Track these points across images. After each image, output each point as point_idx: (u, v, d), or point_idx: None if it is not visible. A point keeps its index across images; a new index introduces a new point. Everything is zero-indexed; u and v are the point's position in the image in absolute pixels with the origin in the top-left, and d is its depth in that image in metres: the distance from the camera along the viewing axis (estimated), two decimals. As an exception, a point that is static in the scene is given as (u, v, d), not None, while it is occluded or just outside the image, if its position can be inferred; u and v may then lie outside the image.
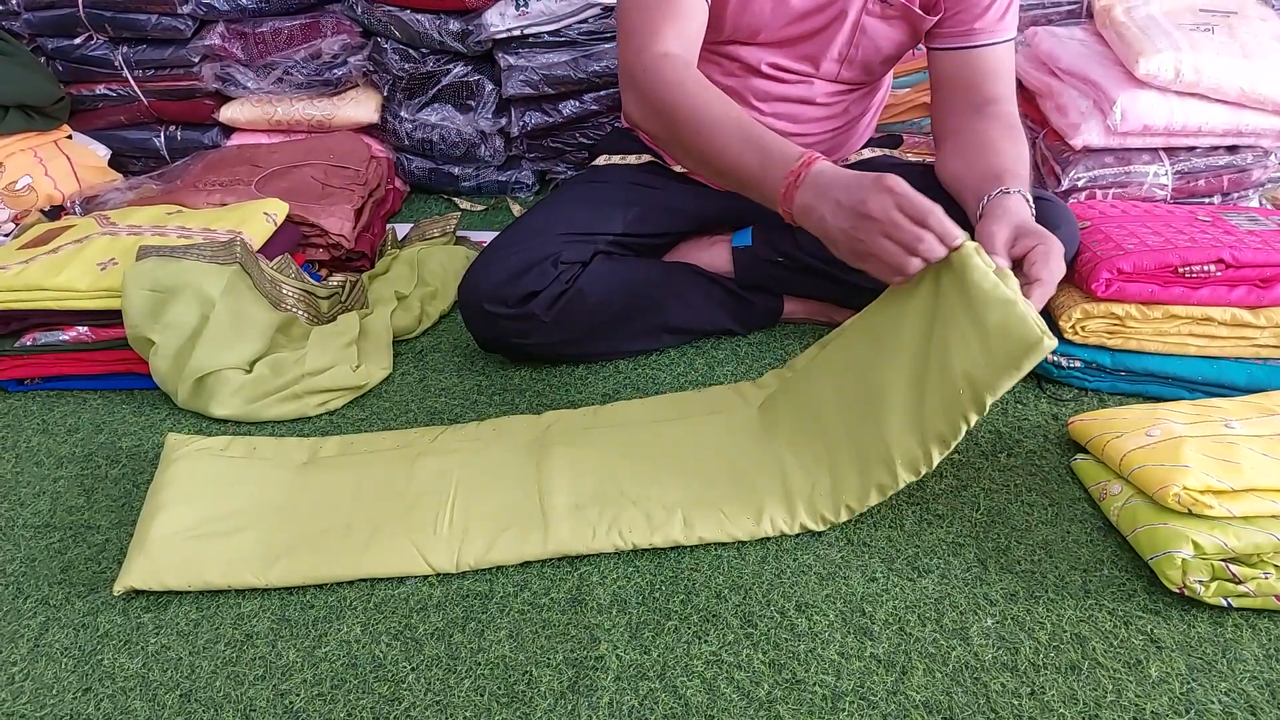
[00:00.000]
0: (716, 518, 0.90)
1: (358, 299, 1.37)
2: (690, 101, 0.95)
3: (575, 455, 0.99)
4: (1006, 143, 1.04)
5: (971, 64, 1.10)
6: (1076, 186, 1.41)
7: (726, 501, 0.92)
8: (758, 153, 0.91)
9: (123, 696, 0.77)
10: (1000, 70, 1.10)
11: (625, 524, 0.90)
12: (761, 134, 0.92)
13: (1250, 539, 0.77)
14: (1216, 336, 1.07)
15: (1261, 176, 1.42)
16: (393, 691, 0.76)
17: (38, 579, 0.92)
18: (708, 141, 0.94)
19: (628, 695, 0.75)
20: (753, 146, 0.91)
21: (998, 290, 0.79)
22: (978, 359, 0.80)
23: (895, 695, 0.74)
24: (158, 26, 1.83)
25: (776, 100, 1.18)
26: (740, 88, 1.17)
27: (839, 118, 1.23)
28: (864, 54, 1.13)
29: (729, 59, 1.15)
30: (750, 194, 0.94)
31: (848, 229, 0.83)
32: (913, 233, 0.81)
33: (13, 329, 1.24)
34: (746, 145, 0.91)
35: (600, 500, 0.93)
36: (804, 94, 1.18)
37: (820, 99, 1.18)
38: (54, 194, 1.78)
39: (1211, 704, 0.72)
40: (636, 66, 0.99)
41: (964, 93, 1.12)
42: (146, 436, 1.14)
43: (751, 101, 1.18)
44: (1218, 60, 1.35)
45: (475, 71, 1.84)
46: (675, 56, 0.99)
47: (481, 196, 1.96)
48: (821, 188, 0.86)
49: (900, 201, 0.81)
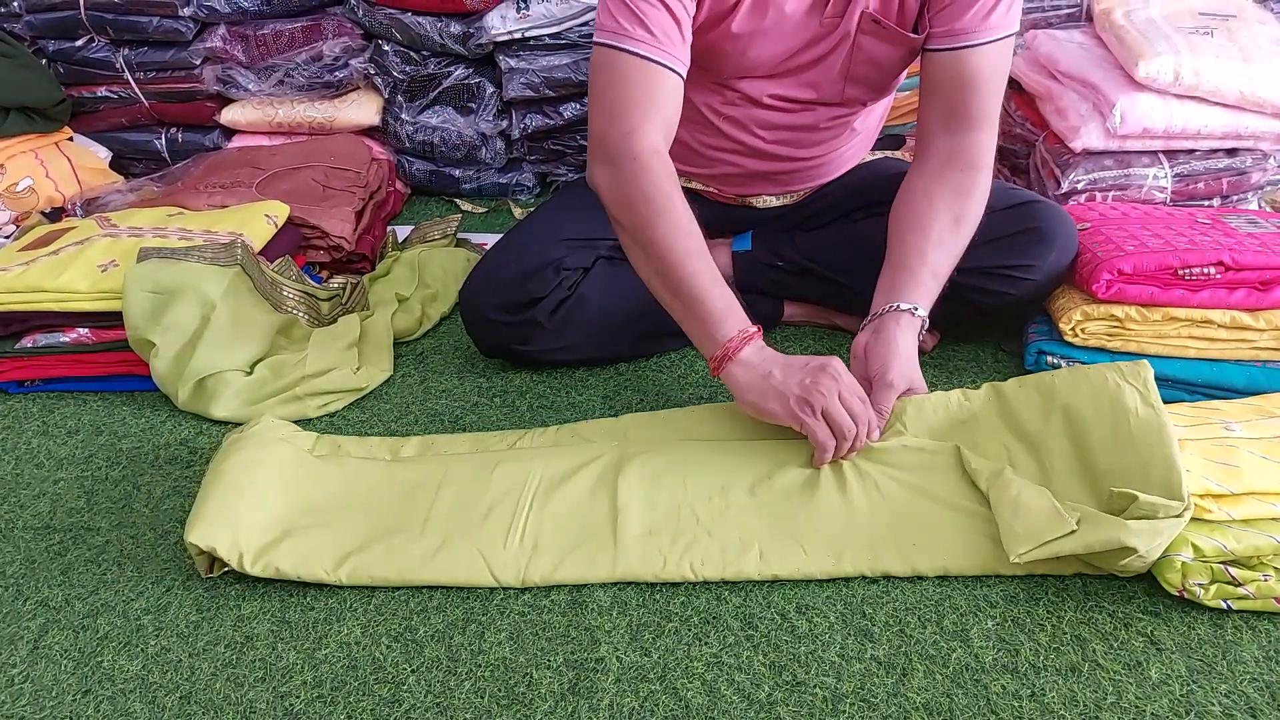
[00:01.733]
0: (796, 556, 0.86)
1: (358, 301, 1.37)
2: (674, 215, 0.96)
3: (651, 472, 0.95)
4: (942, 208, 1.03)
5: (952, 68, 1.04)
6: (1076, 189, 1.41)
7: (808, 539, 0.87)
8: (723, 299, 0.95)
9: (122, 698, 0.77)
10: (980, 78, 1.04)
11: (698, 555, 0.86)
12: (725, 284, 0.97)
13: (1250, 541, 0.77)
14: (1216, 339, 1.07)
15: (1261, 179, 1.42)
16: (393, 693, 0.76)
17: (37, 581, 0.92)
18: (677, 260, 0.96)
19: (628, 697, 0.75)
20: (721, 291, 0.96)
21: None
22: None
23: (896, 697, 0.74)
24: (159, 29, 1.84)
25: (780, 129, 1.16)
26: (743, 117, 1.15)
27: (844, 139, 1.22)
28: (865, 72, 1.10)
29: (731, 89, 1.13)
30: (688, 322, 0.98)
31: (794, 394, 0.91)
32: (841, 420, 0.90)
33: (13, 331, 1.25)
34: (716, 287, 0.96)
35: (674, 527, 0.89)
36: (808, 121, 1.15)
37: (824, 123, 1.16)
38: (55, 196, 1.78)
39: (1211, 706, 0.72)
40: (622, 151, 0.97)
41: (943, 100, 1.07)
42: (146, 438, 1.14)
43: (755, 130, 1.16)
44: (1217, 63, 1.35)
45: (476, 74, 1.84)
46: (662, 155, 0.98)
47: (482, 199, 1.96)
48: (766, 357, 0.94)
49: (843, 392, 0.91)
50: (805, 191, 1.28)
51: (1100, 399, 0.88)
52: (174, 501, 1.02)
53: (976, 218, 1.05)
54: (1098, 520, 0.78)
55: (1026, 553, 0.79)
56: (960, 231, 1.04)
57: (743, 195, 1.28)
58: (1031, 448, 0.91)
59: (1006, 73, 1.09)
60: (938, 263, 1.02)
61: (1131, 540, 0.75)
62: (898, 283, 1.02)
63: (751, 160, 1.20)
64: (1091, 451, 0.86)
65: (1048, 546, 0.78)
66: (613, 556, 0.87)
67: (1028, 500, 0.82)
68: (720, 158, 1.21)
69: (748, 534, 0.88)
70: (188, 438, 1.14)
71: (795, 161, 1.21)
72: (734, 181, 1.25)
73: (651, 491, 0.93)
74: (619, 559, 0.86)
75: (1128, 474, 0.82)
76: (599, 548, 0.88)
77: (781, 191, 1.27)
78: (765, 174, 1.23)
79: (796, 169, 1.23)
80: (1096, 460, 0.86)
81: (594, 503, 0.92)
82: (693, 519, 0.90)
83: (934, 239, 1.03)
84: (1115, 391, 0.88)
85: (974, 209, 1.05)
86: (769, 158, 1.20)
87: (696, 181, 1.28)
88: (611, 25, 0.97)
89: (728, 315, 0.95)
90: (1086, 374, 0.91)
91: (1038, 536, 0.79)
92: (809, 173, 1.24)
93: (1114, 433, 0.85)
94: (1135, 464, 0.82)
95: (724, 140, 1.18)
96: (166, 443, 1.13)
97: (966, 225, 1.04)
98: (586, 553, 0.87)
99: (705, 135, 1.19)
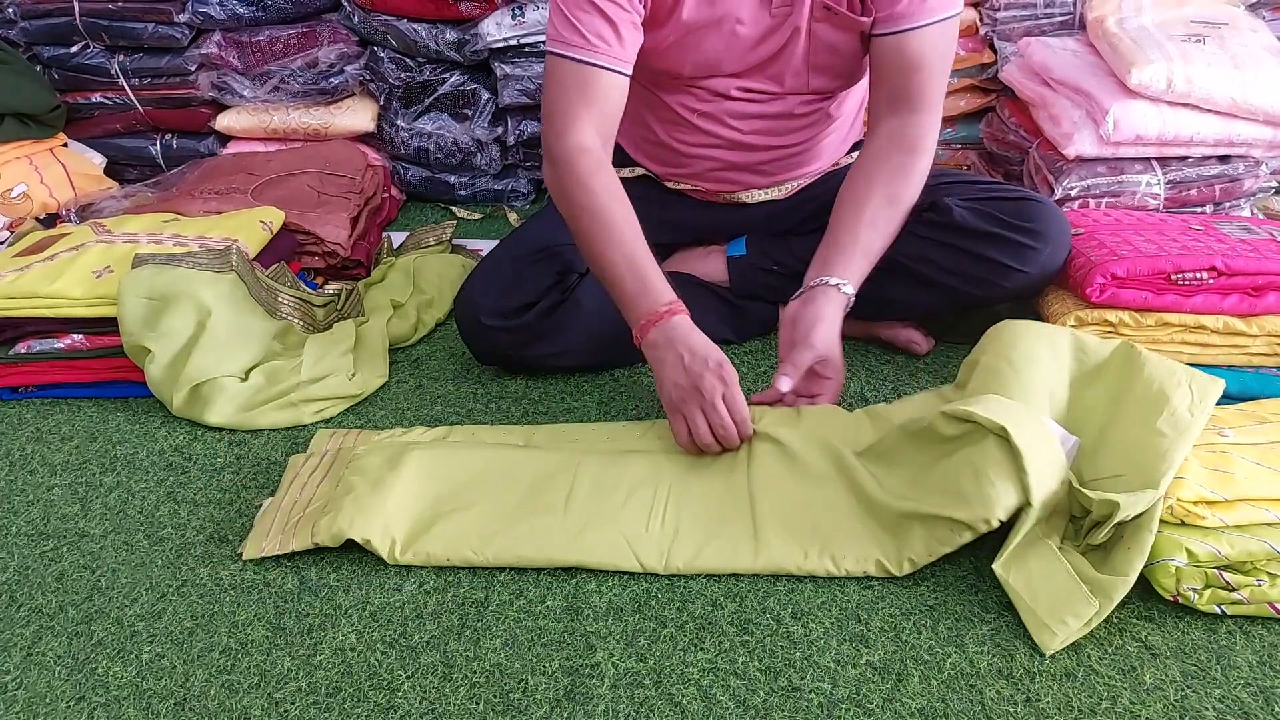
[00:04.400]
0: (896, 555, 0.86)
1: (354, 307, 1.37)
2: (595, 204, 1.04)
3: (784, 469, 0.95)
4: (879, 188, 1.09)
5: (895, 51, 1.08)
6: (1070, 196, 1.42)
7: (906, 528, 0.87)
8: (637, 281, 1.02)
9: (116, 706, 0.77)
10: (922, 61, 1.07)
11: (838, 546, 0.87)
12: (645, 265, 1.02)
13: (1243, 546, 0.77)
14: (1209, 344, 1.08)
15: (1253, 186, 1.43)
16: (388, 700, 0.76)
17: (31, 587, 0.91)
18: (600, 249, 1.04)
19: (624, 703, 0.75)
20: (635, 274, 1.02)
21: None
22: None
23: (891, 702, 0.74)
24: (154, 35, 1.84)
25: (754, 118, 1.18)
26: (716, 111, 1.17)
27: (823, 124, 1.23)
28: (827, 60, 1.12)
29: (699, 88, 1.15)
30: (619, 307, 1.05)
31: (680, 384, 0.98)
32: (723, 424, 0.96)
33: (7, 336, 1.24)
34: (630, 270, 1.02)
35: (810, 520, 0.90)
36: (780, 109, 1.17)
37: (798, 109, 1.18)
38: (49, 202, 1.78)
39: (1206, 711, 0.72)
40: (556, 151, 1.06)
41: (888, 84, 1.11)
42: (141, 444, 1.14)
43: (729, 123, 1.18)
44: (1209, 71, 1.36)
45: (471, 80, 1.85)
46: (590, 152, 1.05)
47: (478, 205, 1.96)
48: (673, 339, 0.99)
49: (728, 394, 0.96)
50: (794, 185, 1.29)
51: (1156, 380, 0.89)
52: (168, 508, 1.02)
53: (911, 199, 1.11)
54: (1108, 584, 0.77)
55: (1058, 646, 0.77)
56: (894, 210, 1.09)
57: (730, 191, 1.28)
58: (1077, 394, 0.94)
59: (949, 55, 1.12)
60: (870, 242, 1.08)
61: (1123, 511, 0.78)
62: (829, 259, 1.08)
63: (731, 152, 1.22)
64: (1113, 412, 0.89)
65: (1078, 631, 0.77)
66: (754, 548, 0.88)
67: (1041, 576, 0.80)
68: (701, 154, 1.22)
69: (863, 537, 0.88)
70: (182, 444, 1.14)
71: (775, 150, 1.22)
72: (719, 177, 1.26)
73: (788, 476, 0.94)
74: (761, 550, 0.88)
75: (1127, 444, 0.84)
76: (741, 538, 0.89)
77: (769, 184, 1.28)
78: (747, 165, 1.24)
79: (777, 157, 1.24)
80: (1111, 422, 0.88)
81: (731, 488, 0.94)
82: (830, 517, 0.90)
83: (867, 218, 1.08)
84: (1173, 383, 0.88)
85: (909, 190, 1.10)
86: (748, 148, 1.21)
87: (685, 183, 1.28)
88: (552, 34, 1.06)
89: (639, 298, 1.01)
90: (1165, 361, 0.91)
91: (1064, 626, 0.77)
92: (791, 160, 1.25)
93: (1141, 410, 0.87)
94: (1137, 436, 0.84)
95: (702, 136, 1.20)
96: (161, 449, 1.13)
97: (900, 205, 1.10)
98: (729, 543, 0.89)
99: (683, 133, 1.21)
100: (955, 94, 1.77)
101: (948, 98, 1.73)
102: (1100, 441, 0.88)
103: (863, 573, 0.86)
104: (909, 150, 1.10)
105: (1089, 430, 0.90)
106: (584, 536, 0.90)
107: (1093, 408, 0.92)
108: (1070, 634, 0.77)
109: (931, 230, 1.15)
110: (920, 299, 1.20)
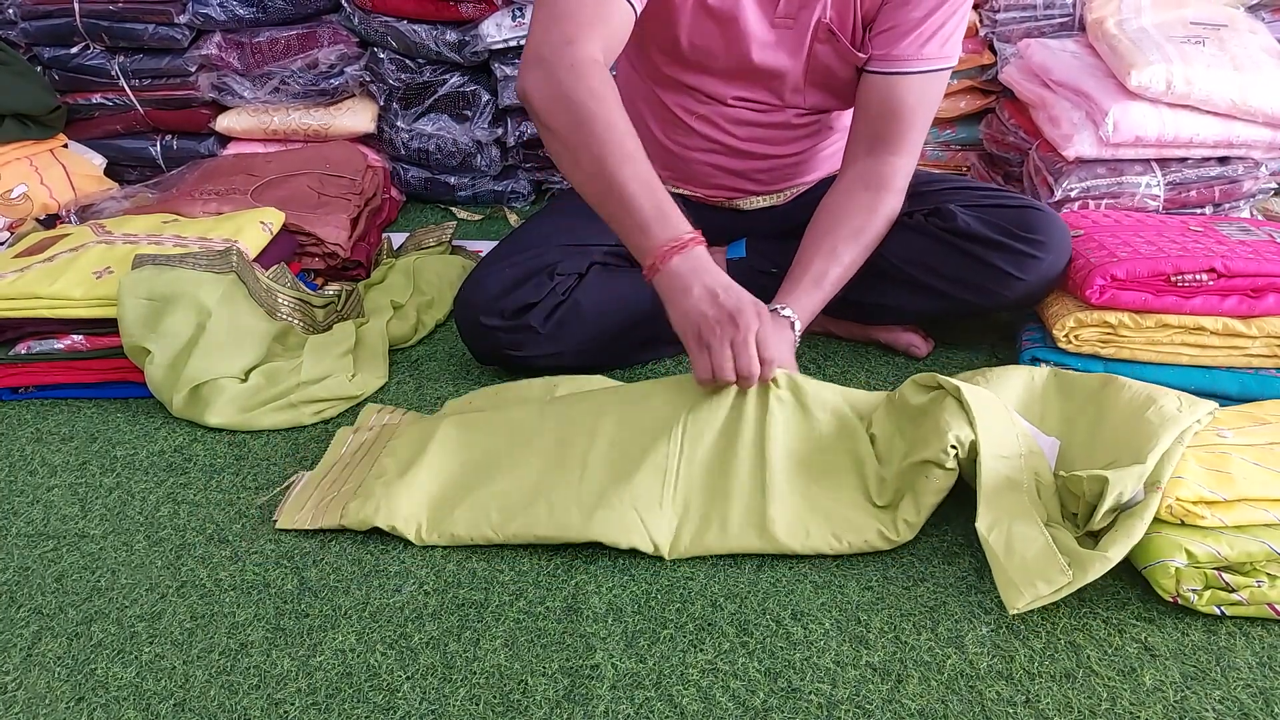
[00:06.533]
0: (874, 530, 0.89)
1: (353, 308, 1.37)
2: (608, 116, 0.93)
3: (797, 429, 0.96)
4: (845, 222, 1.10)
5: (881, 91, 1.08)
6: (1069, 197, 1.42)
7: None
8: (654, 206, 0.93)
9: (116, 706, 0.77)
10: (905, 106, 1.07)
11: (839, 524, 0.89)
12: (661, 190, 0.94)
13: (1243, 547, 0.77)
14: (1209, 346, 1.08)
15: (1252, 187, 1.43)
16: (388, 701, 0.76)
17: (30, 588, 0.91)
18: (613, 167, 0.93)
19: (623, 704, 0.75)
20: (652, 198, 0.93)
21: None
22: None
23: (891, 703, 0.74)
24: (154, 36, 1.84)
25: (752, 126, 1.18)
26: (714, 115, 1.17)
27: (822, 136, 1.23)
28: (824, 79, 1.13)
29: (698, 89, 1.15)
30: (621, 232, 0.96)
31: (710, 315, 0.91)
32: (749, 360, 0.90)
33: (7, 337, 1.24)
34: (646, 192, 0.93)
35: (815, 493, 0.92)
36: (779, 120, 1.18)
37: (796, 120, 1.19)
38: (49, 203, 1.78)
39: (1205, 712, 0.72)
40: (559, 59, 0.94)
41: (869, 121, 1.11)
42: (141, 445, 1.14)
43: (727, 128, 1.18)
44: (1209, 72, 1.36)
45: (472, 82, 1.85)
46: (600, 65, 0.96)
47: (478, 206, 1.96)
48: (700, 269, 0.93)
49: (762, 332, 0.91)
50: (791, 192, 1.29)
51: (1143, 390, 0.91)
52: (168, 508, 1.02)
53: (879, 233, 1.12)
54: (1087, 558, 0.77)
55: (1023, 607, 0.78)
56: (858, 244, 1.10)
57: (728, 198, 1.28)
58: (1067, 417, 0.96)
59: (936, 104, 1.12)
60: (826, 274, 1.09)
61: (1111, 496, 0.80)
62: (784, 289, 1.09)
63: (728, 159, 1.22)
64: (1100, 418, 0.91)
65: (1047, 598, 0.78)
66: (761, 526, 0.89)
67: (1021, 539, 0.82)
68: (698, 158, 1.23)
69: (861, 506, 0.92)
70: (182, 445, 1.14)
71: (772, 159, 1.23)
72: (716, 183, 1.26)
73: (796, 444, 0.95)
74: (766, 530, 0.89)
75: (1116, 437, 0.87)
76: (748, 512, 0.90)
77: (766, 191, 1.28)
78: (744, 172, 1.24)
79: (774, 167, 1.24)
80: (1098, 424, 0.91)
81: (744, 457, 0.93)
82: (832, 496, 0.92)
83: (825, 250, 1.09)
84: (1160, 391, 0.90)
85: (876, 225, 1.11)
86: (744, 155, 1.21)
87: (683, 187, 1.29)
88: None
89: (658, 222, 0.93)
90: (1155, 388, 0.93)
91: (1033, 588, 0.78)
92: (788, 170, 1.25)
93: (1128, 410, 0.89)
94: (1125, 428, 0.87)
95: (699, 139, 1.20)
96: (161, 450, 1.13)
97: (865, 238, 1.11)
98: (736, 518, 0.90)
99: (681, 136, 1.21)
100: (955, 95, 1.77)
101: (947, 99, 1.74)
102: (1090, 444, 0.90)
103: (865, 544, 0.88)
104: (880, 188, 1.11)
105: (1077, 435, 0.92)
106: (599, 513, 0.90)
107: (1079, 416, 0.94)
108: (1038, 598, 0.77)
109: (935, 236, 1.15)
110: (918, 304, 1.20)
